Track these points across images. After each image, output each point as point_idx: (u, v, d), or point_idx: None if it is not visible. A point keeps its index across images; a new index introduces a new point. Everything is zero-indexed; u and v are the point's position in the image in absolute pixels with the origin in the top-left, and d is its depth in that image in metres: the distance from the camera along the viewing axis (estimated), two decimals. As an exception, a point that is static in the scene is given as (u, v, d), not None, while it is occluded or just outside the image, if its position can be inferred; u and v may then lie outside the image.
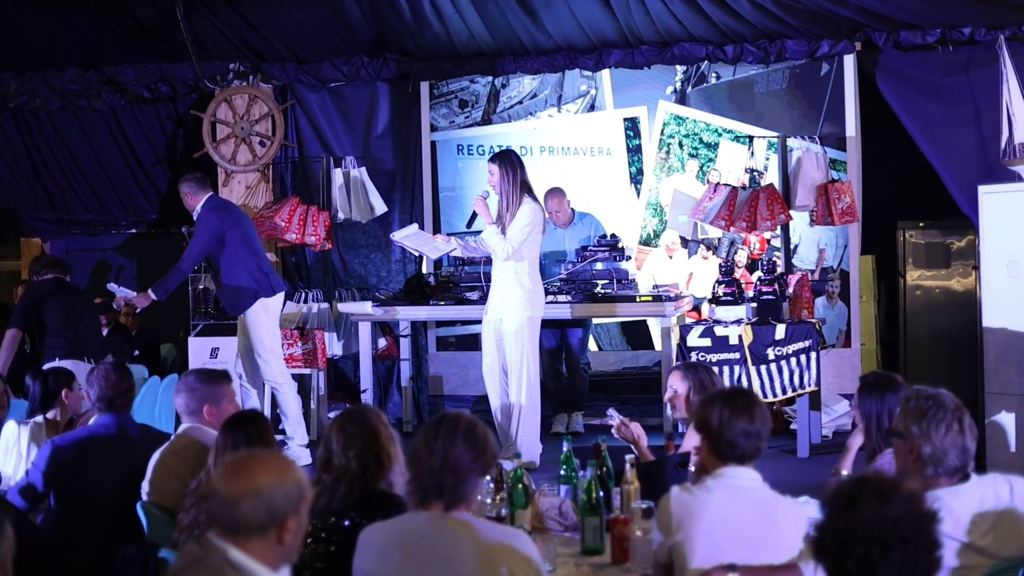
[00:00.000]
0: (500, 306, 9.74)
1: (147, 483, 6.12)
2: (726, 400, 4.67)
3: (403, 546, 4.22)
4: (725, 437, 4.59)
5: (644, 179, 12.71)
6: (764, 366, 10.23)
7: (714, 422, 4.62)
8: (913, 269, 12.40)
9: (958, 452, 4.50)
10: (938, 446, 4.49)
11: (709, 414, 4.65)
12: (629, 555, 5.12)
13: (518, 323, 9.64)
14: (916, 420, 4.54)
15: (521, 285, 9.67)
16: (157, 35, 12.50)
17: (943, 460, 4.50)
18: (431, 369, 12.93)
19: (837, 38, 11.62)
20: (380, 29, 12.29)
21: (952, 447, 4.49)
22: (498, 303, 9.76)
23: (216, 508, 3.57)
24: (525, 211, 9.62)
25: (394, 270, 12.94)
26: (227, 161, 12.96)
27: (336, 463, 4.87)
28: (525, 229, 9.59)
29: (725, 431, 4.59)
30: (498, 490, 5.57)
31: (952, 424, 4.50)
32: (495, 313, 9.77)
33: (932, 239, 12.29)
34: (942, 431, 4.49)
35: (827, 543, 3.30)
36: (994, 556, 4.43)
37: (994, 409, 9.71)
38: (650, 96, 12.66)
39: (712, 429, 4.63)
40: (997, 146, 10.67)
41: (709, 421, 4.64)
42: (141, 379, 10.24)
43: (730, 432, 4.58)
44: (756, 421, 4.61)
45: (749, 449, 4.61)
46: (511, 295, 9.68)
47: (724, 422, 4.60)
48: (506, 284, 9.71)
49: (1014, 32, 10.83)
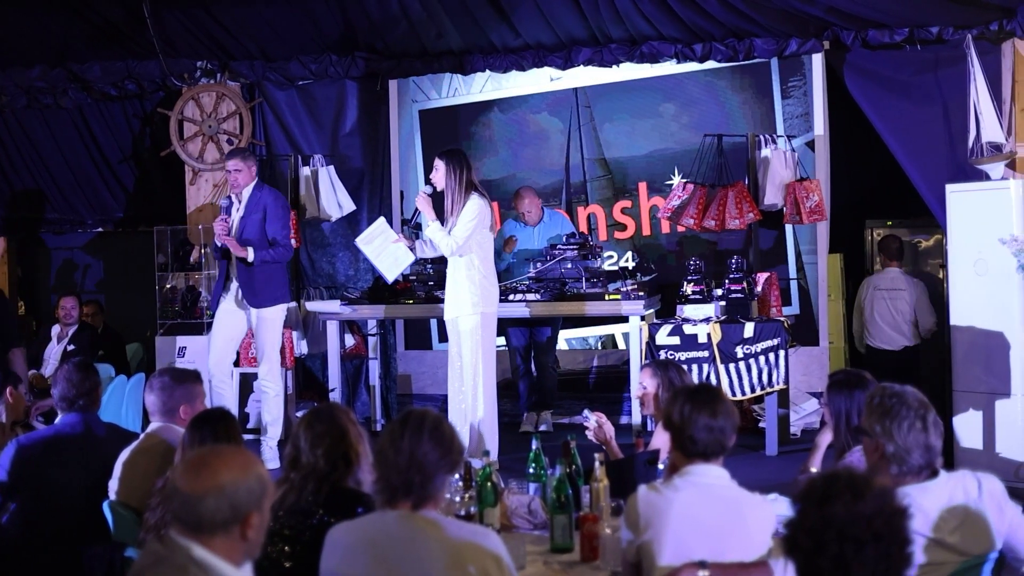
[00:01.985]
0: (454, 305, 9.70)
1: (114, 482, 6.09)
2: (689, 396, 4.67)
3: (371, 545, 4.20)
4: (687, 432, 4.59)
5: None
6: (733, 364, 10.26)
7: (676, 418, 4.63)
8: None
9: (922, 450, 4.51)
10: (901, 445, 4.49)
11: (672, 410, 4.66)
12: (598, 553, 5.11)
13: (472, 321, 9.60)
14: (879, 419, 4.55)
15: (472, 282, 9.60)
16: (124, 32, 12.44)
17: (906, 459, 4.50)
18: (400, 368, 12.92)
19: (805, 37, 11.63)
20: (348, 27, 12.26)
21: (915, 446, 4.49)
22: (452, 302, 9.71)
23: (179, 505, 3.53)
24: (471, 206, 9.56)
25: (362, 268, 12.91)
26: (194, 159, 12.91)
27: (304, 461, 4.85)
28: (470, 224, 9.52)
29: (687, 427, 4.59)
30: (467, 488, 5.56)
31: (915, 422, 4.50)
32: (451, 312, 9.73)
33: (900, 237, 12.32)
34: (904, 429, 4.49)
35: (800, 540, 3.29)
36: (963, 553, 4.44)
37: (962, 407, 9.76)
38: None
39: (675, 425, 4.64)
40: (965, 145, 10.70)
41: (672, 417, 4.65)
42: (107, 378, 10.19)
43: (692, 427, 4.58)
44: (719, 416, 4.61)
45: (712, 444, 4.60)
46: (464, 293, 9.62)
47: (686, 418, 4.60)
48: (459, 282, 9.66)
49: (981, 31, 10.85)
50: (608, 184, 12.82)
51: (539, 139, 12.96)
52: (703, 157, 11.75)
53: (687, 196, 11.39)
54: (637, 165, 12.72)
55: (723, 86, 12.41)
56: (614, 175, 12.77)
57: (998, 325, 9.52)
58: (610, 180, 12.79)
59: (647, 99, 12.64)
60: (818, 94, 11.96)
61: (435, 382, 12.76)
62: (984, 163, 10.52)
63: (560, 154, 12.84)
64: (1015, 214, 9.43)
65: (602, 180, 12.82)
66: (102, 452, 6.36)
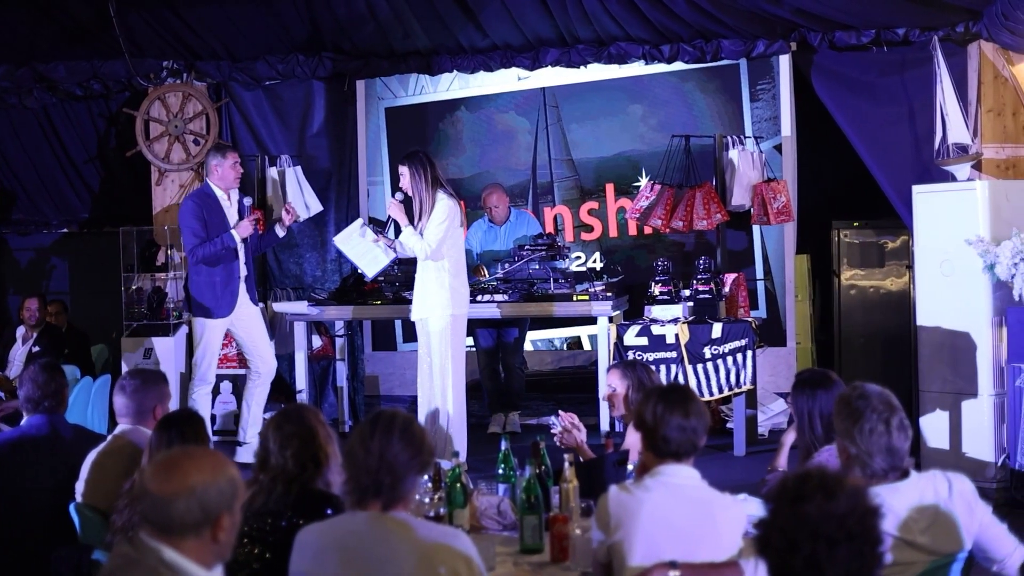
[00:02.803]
0: (423, 306, 9.67)
1: (81, 484, 6.05)
2: (661, 396, 4.67)
3: (340, 547, 4.19)
4: (660, 433, 4.59)
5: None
6: (700, 365, 10.28)
7: (649, 418, 4.62)
8: (848, 269, 12.46)
9: (884, 454, 4.51)
10: (863, 448, 4.51)
11: (644, 410, 4.66)
12: (568, 554, 5.10)
13: (442, 322, 9.57)
14: (843, 420, 4.57)
15: (442, 284, 9.56)
16: (90, 32, 12.37)
17: (868, 462, 4.52)
18: (367, 369, 12.90)
19: (773, 38, 11.66)
20: (315, 27, 12.23)
21: (877, 449, 4.50)
22: (420, 303, 9.69)
23: (149, 507, 3.51)
24: (440, 208, 9.52)
25: (329, 269, 12.87)
26: (160, 160, 12.86)
27: (273, 463, 4.83)
28: (442, 227, 9.49)
29: (660, 427, 4.59)
30: (436, 489, 5.55)
31: (876, 425, 4.51)
32: (419, 313, 9.71)
33: (866, 239, 12.36)
34: (866, 433, 4.50)
35: (773, 540, 3.28)
36: (932, 552, 4.46)
37: (928, 407, 9.80)
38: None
39: (647, 425, 4.63)
40: (931, 146, 10.74)
41: (644, 417, 4.65)
42: (73, 379, 10.13)
43: (664, 428, 4.58)
44: (691, 416, 4.61)
45: (684, 444, 4.60)
46: (433, 295, 9.59)
47: (658, 418, 4.60)
48: (427, 284, 9.62)
49: (947, 33, 10.90)
50: (575, 185, 12.83)
51: (506, 138, 12.97)
52: (671, 158, 11.77)
53: (655, 197, 11.40)
54: (604, 166, 12.75)
55: (691, 88, 12.44)
56: (581, 176, 12.78)
57: (964, 326, 9.55)
58: (577, 181, 12.80)
59: (615, 100, 12.65)
60: (785, 95, 12.00)
61: (403, 383, 12.74)
62: (950, 164, 10.57)
63: (527, 154, 12.84)
64: (981, 215, 9.46)
65: (569, 181, 12.83)
66: (69, 454, 6.31)
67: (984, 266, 9.28)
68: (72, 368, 11.08)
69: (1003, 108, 10.91)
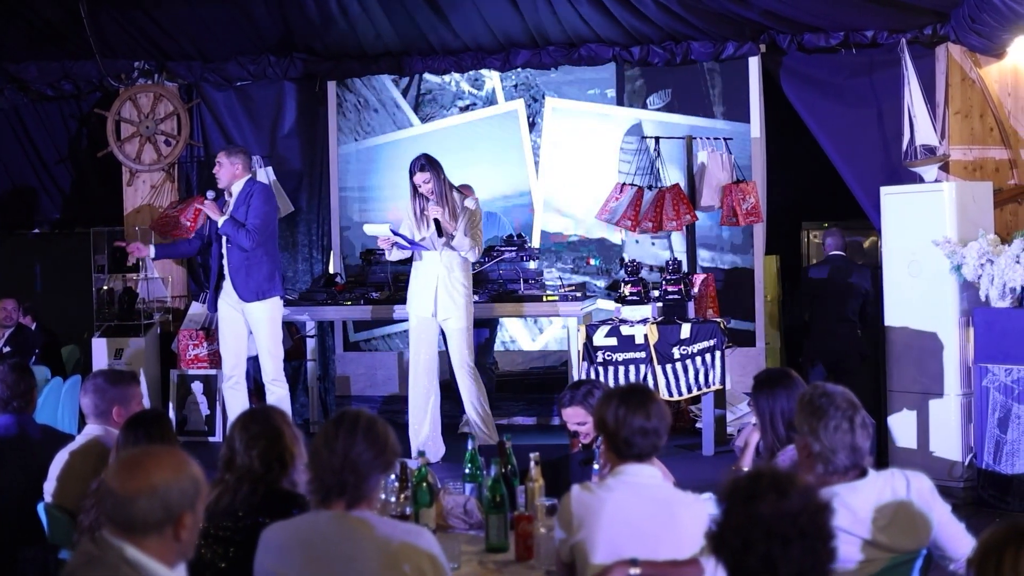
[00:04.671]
0: (448, 307, 9.83)
1: (49, 484, 6.04)
2: (622, 398, 4.68)
3: (305, 545, 4.20)
4: (622, 435, 4.61)
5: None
6: (669, 365, 10.31)
7: (610, 421, 4.64)
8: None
9: (847, 451, 4.54)
10: (827, 445, 4.53)
11: (606, 413, 4.66)
12: (533, 552, 5.11)
13: (466, 320, 9.84)
14: (807, 418, 4.59)
15: (468, 283, 9.91)
16: (61, 32, 12.36)
17: (832, 459, 4.53)
18: (338, 369, 12.89)
19: (742, 40, 11.71)
20: (287, 28, 12.23)
21: (841, 446, 4.53)
22: (446, 304, 9.83)
23: (111, 506, 3.51)
24: (476, 209, 9.88)
25: (300, 270, 12.87)
26: (132, 160, 12.85)
27: (239, 462, 4.83)
28: (481, 224, 9.89)
29: (621, 429, 4.60)
30: (402, 489, 5.56)
31: (841, 423, 4.53)
32: (443, 314, 9.83)
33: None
34: (831, 430, 4.52)
35: (727, 539, 3.31)
36: (891, 550, 4.48)
37: (896, 406, 9.86)
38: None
39: (609, 428, 4.65)
40: (899, 148, 10.81)
41: (606, 420, 4.65)
42: (43, 380, 10.12)
43: (626, 430, 4.60)
44: (652, 418, 4.62)
45: (646, 447, 4.62)
46: (459, 295, 9.82)
47: (620, 420, 4.61)
48: (454, 284, 9.83)
49: (915, 35, 10.97)
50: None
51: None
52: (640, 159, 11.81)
53: (624, 198, 11.44)
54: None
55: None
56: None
57: (932, 326, 9.61)
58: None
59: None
60: (755, 97, 12.02)
61: (373, 383, 12.74)
62: (918, 166, 10.63)
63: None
64: (948, 216, 9.52)
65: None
66: (37, 454, 6.31)
67: (951, 267, 9.33)
68: (42, 369, 11.08)
69: (970, 110, 10.99)
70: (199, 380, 11.94)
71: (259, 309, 10.27)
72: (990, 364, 9.12)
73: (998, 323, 9.12)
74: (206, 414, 11.80)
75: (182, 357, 11.91)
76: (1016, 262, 8.93)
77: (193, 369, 11.83)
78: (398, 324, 12.37)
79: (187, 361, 11.86)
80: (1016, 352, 9.00)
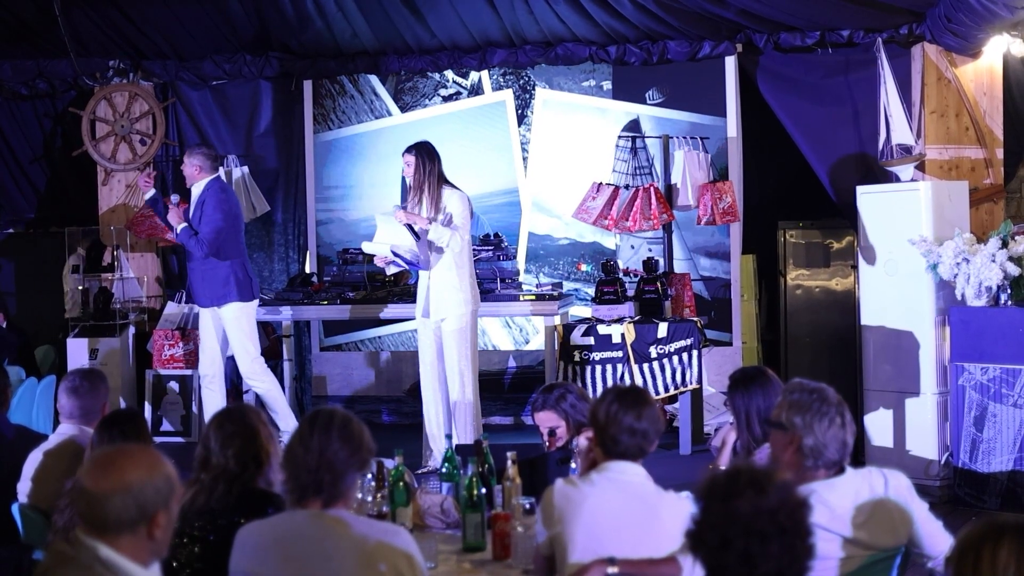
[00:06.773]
0: (441, 307, 9.68)
1: (23, 484, 6.02)
2: (617, 396, 4.71)
3: (281, 545, 4.19)
4: (610, 432, 4.62)
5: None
6: (646, 364, 10.32)
7: (602, 416, 4.66)
8: (793, 268, 12.53)
9: (838, 446, 4.55)
10: (820, 439, 4.53)
11: (599, 407, 4.69)
12: (510, 551, 5.11)
13: (462, 321, 9.67)
14: (799, 412, 4.57)
15: (462, 282, 9.65)
16: (35, 31, 12.31)
17: (823, 453, 4.53)
18: (315, 369, 12.86)
19: (719, 40, 11.71)
20: (263, 26, 12.20)
21: (833, 441, 4.53)
22: (438, 304, 9.69)
23: (85, 505, 3.49)
24: (459, 202, 9.65)
25: (276, 270, 12.83)
26: (107, 159, 12.80)
27: (214, 462, 4.82)
28: (463, 216, 9.60)
29: (611, 425, 4.62)
30: (379, 488, 5.54)
31: (835, 418, 4.54)
32: (436, 315, 9.71)
33: (812, 239, 12.44)
34: (825, 424, 4.52)
35: (705, 537, 3.31)
36: (869, 547, 4.49)
37: (872, 405, 9.88)
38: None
39: (599, 422, 4.67)
40: (875, 147, 10.82)
41: (598, 414, 4.68)
42: (18, 380, 10.07)
43: (615, 427, 4.61)
44: (643, 419, 4.64)
45: (632, 447, 4.63)
46: (453, 294, 9.65)
47: (611, 416, 4.63)
48: (446, 284, 9.65)
49: (892, 35, 10.99)
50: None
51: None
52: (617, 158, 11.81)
53: (601, 197, 11.43)
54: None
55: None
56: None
57: (908, 325, 9.64)
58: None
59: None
60: (731, 97, 12.02)
61: (349, 383, 12.72)
62: (894, 165, 10.65)
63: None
64: (924, 215, 9.55)
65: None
66: (10, 454, 6.29)
67: (927, 266, 9.36)
68: (17, 369, 11.02)
69: (946, 110, 11.01)
70: (175, 380, 11.89)
71: (225, 311, 10.34)
72: (966, 363, 9.14)
73: (974, 322, 9.14)
74: (182, 414, 11.76)
75: (157, 357, 11.87)
76: (992, 261, 8.95)
77: (168, 369, 11.78)
78: (372, 329, 12.40)
79: (162, 361, 11.81)
80: (992, 351, 9.02)
